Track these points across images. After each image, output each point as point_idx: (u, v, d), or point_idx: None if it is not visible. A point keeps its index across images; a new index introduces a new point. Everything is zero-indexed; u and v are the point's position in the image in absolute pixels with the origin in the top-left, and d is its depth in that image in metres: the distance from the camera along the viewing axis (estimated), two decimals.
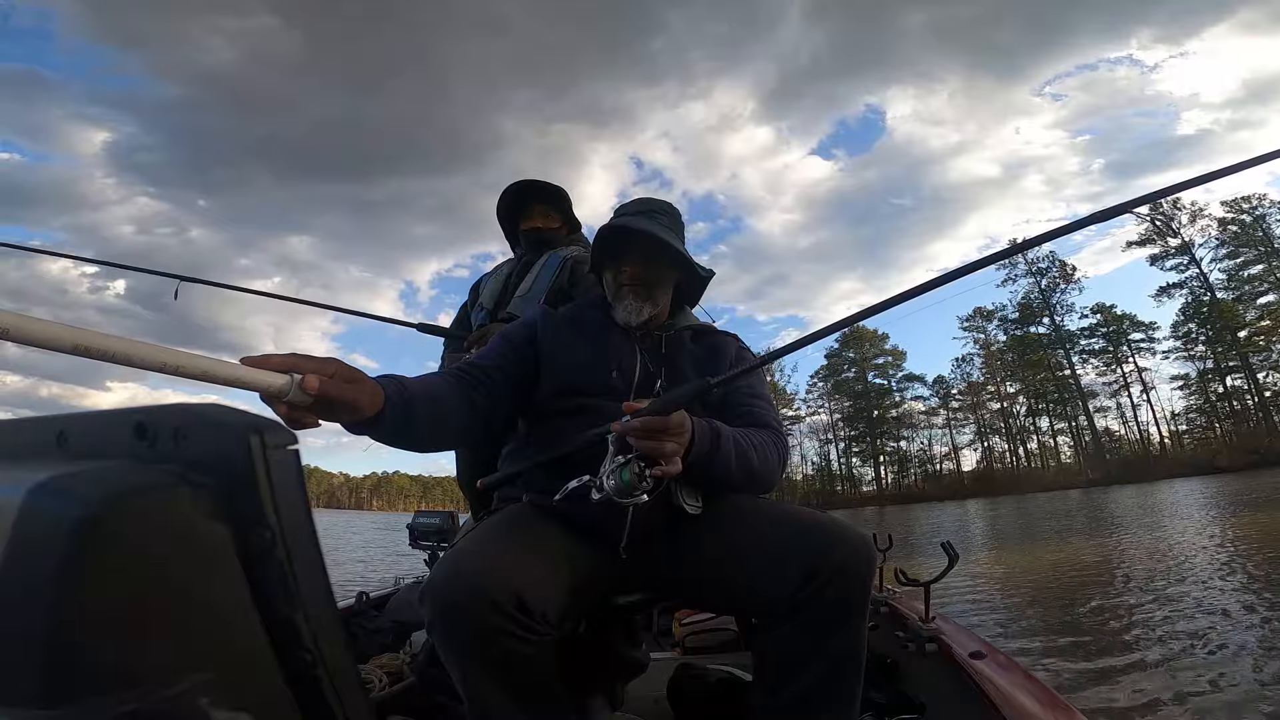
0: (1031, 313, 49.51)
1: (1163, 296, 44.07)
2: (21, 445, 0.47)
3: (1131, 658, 3.51)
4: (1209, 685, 2.96)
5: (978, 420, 52.39)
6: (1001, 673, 1.33)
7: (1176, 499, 17.35)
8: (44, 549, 0.33)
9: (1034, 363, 49.00)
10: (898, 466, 54.39)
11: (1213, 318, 41.22)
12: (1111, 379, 46.85)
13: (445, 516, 2.61)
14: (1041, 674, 3.25)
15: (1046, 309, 48.82)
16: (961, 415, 53.28)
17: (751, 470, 1.05)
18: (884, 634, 1.88)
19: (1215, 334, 41.41)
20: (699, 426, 0.96)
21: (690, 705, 1.52)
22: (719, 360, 1.22)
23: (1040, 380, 49.28)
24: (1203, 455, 38.00)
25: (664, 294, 1.23)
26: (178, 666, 0.35)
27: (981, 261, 0.99)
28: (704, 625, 2.28)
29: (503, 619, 0.83)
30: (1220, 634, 3.77)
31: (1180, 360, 44.11)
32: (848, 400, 56.20)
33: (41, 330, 0.42)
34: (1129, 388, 45.77)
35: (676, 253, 1.20)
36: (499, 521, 1.04)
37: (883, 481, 53.98)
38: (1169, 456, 41.06)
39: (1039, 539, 11.19)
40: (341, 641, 0.41)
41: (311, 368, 0.69)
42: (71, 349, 0.45)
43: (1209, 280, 42.04)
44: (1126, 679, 3.14)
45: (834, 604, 0.92)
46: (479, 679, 0.87)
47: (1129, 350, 46.19)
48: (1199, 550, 7.27)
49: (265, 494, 0.39)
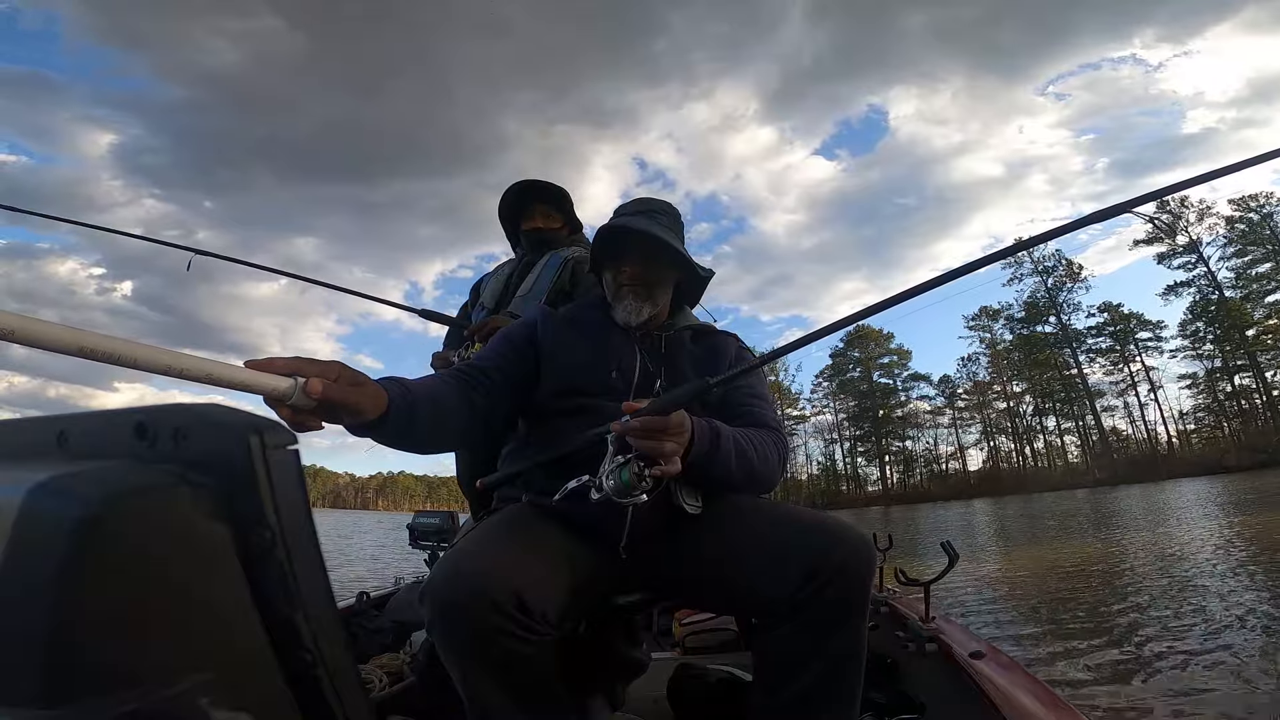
0: (1038, 311, 49.15)
1: (1170, 295, 43.86)
2: (22, 445, 0.47)
3: (1138, 658, 3.49)
4: (1219, 686, 2.94)
5: (984, 420, 52.09)
6: (1001, 673, 1.33)
7: (1184, 499, 17.24)
8: (44, 549, 0.33)
9: (1040, 362, 48.65)
10: (903, 466, 54.08)
11: (1221, 316, 40.89)
12: (1119, 378, 46.74)
13: (445, 516, 2.61)
14: (1052, 674, 3.26)
15: (1053, 308, 48.41)
16: (967, 415, 52.97)
17: (752, 470, 1.04)
18: (884, 634, 1.88)
19: (1223, 332, 41.10)
20: (699, 426, 0.96)
21: (690, 705, 1.52)
22: (719, 360, 1.21)
23: (1047, 379, 48.92)
24: (1211, 455, 37.74)
25: (664, 294, 1.23)
26: (178, 666, 0.35)
27: (982, 260, 0.99)
28: (704, 625, 2.28)
29: (503, 619, 0.83)
30: (1228, 636, 3.74)
31: (1188, 359, 43.96)
32: (853, 400, 55.88)
33: (45, 332, 0.43)
34: (1136, 387, 45.64)
35: (676, 253, 1.20)
36: (499, 521, 1.04)
37: (888, 481, 53.74)
38: (1176, 456, 40.79)
39: (1045, 539, 11.13)
40: (341, 641, 0.41)
41: (315, 371, 0.70)
42: (75, 351, 0.45)
43: (1217, 278, 41.79)
44: (1133, 680, 3.13)
45: (834, 604, 0.92)
46: (479, 679, 0.87)
47: (1136, 349, 45.96)
48: (1207, 551, 7.23)
49: (265, 494, 0.39)
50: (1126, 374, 46.15)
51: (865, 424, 54.97)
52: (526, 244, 1.91)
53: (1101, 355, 47.24)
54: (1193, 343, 43.23)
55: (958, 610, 5.11)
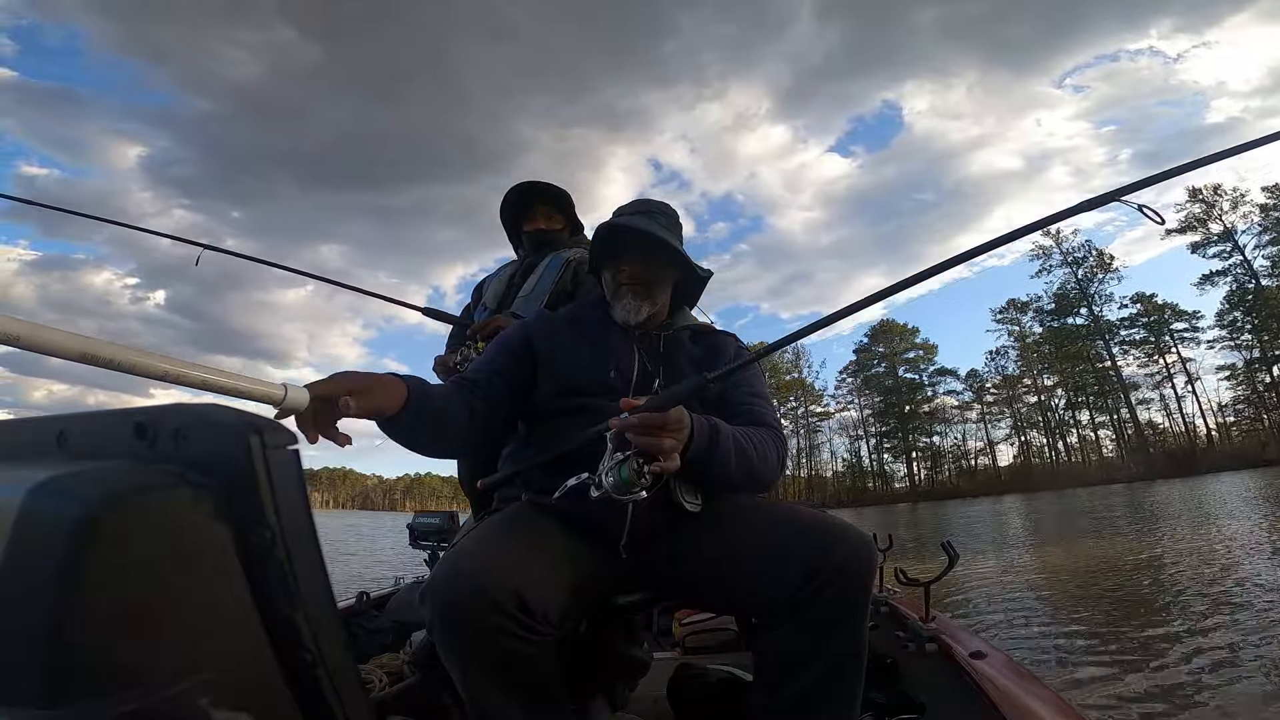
0: (1068, 303, 47.75)
1: (1205, 285, 42.22)
2: (21, 445, 0.48)
3: (1168, 663, 3.32)
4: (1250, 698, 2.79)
5: (1014, 414, 50.59)
6: (1001, 673, 1.33)
7: (1224, 493, 16.60)
8: (44, 549, 0.33)
9: (1072, 354, 47.26)
10: (931, 462, 52.79)
11: (1258, 305, 39.41)
12: (1154, 370, 45.00)
13: (445, 517, 2.62)
14: (1083, 676, 3.16)
15: (1084, 299, 47.16)
16: (996, 409, 51.53)
17: (751, 468, 1.04)
18: (884, 634, 1.88)
19: (1261, 322, 39.45)
20: (698, 423, 0.96)
21: (690, 705, 1.52)
22: (718, 360, 1.21)
23: (1079, 372, 47.51)
24: (1251, 447, 36.53)
25: (662, 293, 1.24)
26: (178, 666, 0.35)
27: (972, 252, 0.98)
28: (704, 625, 2.28)
29: (504, 619, 0.83)
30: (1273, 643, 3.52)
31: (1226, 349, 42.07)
32: (878, 395, 54.59)
33: (51, 338, 0.43)
34: (1172, 379, 44.06)
35: (675, 252, 1.20)
36: (499, 521, 1.04)
37: (915, 478, 52.42)
38: (1216, 449, 39.29)
39: (1078, 536, 10.61)
40: (341, 641, 0.41)
41: (324, 391, 0.76)
42: (79, 357, 0.46)
43: (1253, 267, 40.25)
44: (1166, 686, 2.99)
45: (835, 604, 0.92)
46: (479, 679, 0.87)
47: (1171, 340, 44.24)
48: (1249, 549, 6.87)
49: (265, 494, 0.39)
50: (1162, 366, 44.57)
51: (891, 420, 53.67)
52: (528, 245, 1.91)
53: (1136, 347, 45.70)
54: (1230, 333, 41.42)
55: (996, 613, 4.95)
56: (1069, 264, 47.63)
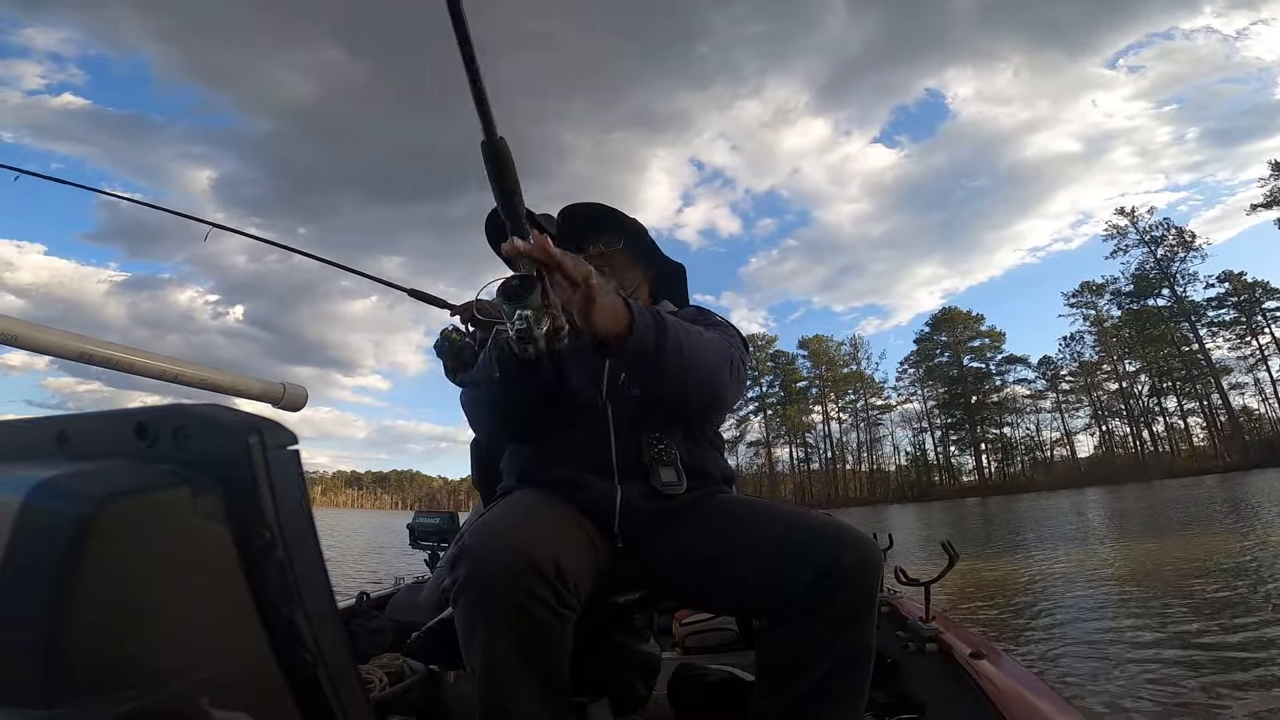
0: (1148, 284, 44.76)
1: None
2: (21, 445, 0.47)
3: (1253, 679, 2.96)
4: None
5: (1093, 402, 47.78)
6: (1002, 673, 1.33)
7: None
8: (44, 549, 0.33)
9: (1155, 338, 44.26)
10: (1001, 455, 50.05)
11: None
12: (1247, 353, 41.80)
13: (445, 517, 2.63)
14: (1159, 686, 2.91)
15: (1165, 279, 43.96)
16: (1074, 398, 48.74)
17: (710, 366, 1.00)
18: (884, 634, 1.87)
19: None
20: (638, 308, 0.92)
21: (690, 705, 1.51)
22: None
23: (1164, 357, 44.53)
24: None
25: (630, 275, 1.27)
26: (178, 666, 0.35)
27: None
28: (704, 625, 2.28)
29: (543, 585, 0.82)
30: None
31: None
32: (942, 386, 52.01)
33: (48, 338, 0.43)
34: (1267, 361, 41.05)
35: (641, 241, 1.27)
36: (517, 499, 1.04)
37: (984, 471, 49.66)
38: None
39: (1166, 530, 9.84)
40: (341, 641, 0.41)
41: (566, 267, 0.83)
42: (76, 356, 0.45)
43: None
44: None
45: (843, 605, 0.92)
46: (500, 650, 0.85)
47: (1264, 320, 40.94)
48: None
49: (265, 494, 0.39)
50: (1255, 348, 41.46)
51: (957, 411, 51.06)
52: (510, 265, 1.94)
53: (1225, 328, 42.32)
54: None
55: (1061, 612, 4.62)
56: (1146, 243, 44.71)
